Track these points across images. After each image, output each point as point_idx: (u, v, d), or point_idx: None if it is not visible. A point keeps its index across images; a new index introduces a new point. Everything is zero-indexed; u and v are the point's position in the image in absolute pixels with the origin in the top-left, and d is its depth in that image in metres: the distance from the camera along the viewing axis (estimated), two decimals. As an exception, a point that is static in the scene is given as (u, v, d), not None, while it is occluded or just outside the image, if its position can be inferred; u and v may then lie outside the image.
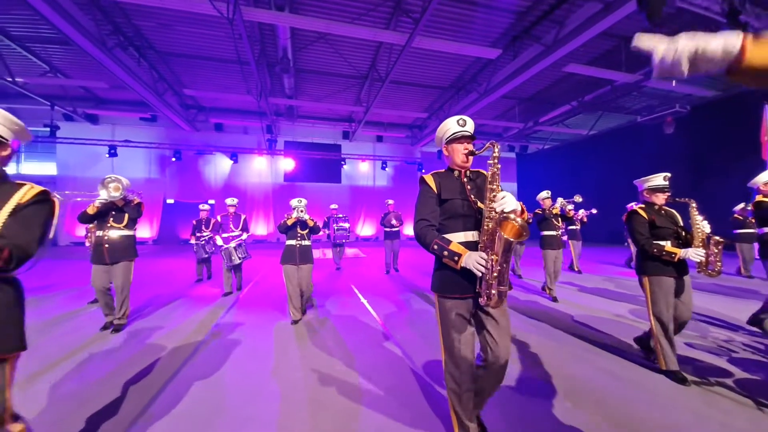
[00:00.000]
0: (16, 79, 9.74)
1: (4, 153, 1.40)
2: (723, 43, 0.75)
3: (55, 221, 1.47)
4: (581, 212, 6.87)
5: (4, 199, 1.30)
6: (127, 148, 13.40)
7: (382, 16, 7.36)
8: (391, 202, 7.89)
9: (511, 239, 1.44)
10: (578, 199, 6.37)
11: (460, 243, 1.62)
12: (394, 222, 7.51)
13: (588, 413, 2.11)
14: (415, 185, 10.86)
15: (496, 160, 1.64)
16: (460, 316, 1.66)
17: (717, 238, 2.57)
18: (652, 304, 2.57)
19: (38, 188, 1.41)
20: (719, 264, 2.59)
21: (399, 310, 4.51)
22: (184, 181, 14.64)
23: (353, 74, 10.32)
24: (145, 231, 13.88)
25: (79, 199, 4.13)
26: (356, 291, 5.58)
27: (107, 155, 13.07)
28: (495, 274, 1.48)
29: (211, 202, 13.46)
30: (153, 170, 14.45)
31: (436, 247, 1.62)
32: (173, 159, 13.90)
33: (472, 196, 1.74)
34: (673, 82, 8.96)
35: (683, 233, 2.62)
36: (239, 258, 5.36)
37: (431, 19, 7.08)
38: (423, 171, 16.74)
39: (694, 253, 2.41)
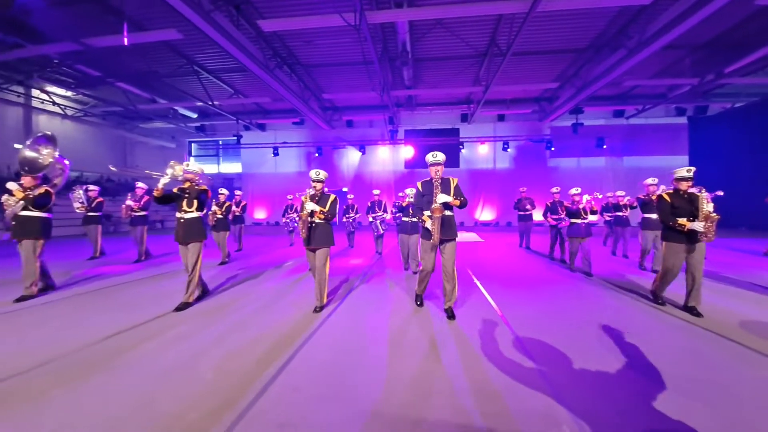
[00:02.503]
0: (214, 102, 13.28)
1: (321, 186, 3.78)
2: None
3: (336, 206, 3.79)
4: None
5: (327, 199, 3.74)
6: (285, 148, 16.63)
7: (502, -13, 6.94)
8: (524, 189, 8.81)
9: (435, 215, 3.30)
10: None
11: (428, 215, 3.41)
12: (528, 207, 8.47)
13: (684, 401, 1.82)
14: (542, 166, 10.48)
15: (438, 174, 3.48)
16: (429, 246, 3.49)
17: (713, 215, 3.40)
18: (665, 260, 3.69)
19: (333, 196, 3.79)
20: (712, 233, 3.40)
21: (517, 298, 4.47)
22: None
23: (471, 54, 10.06)
24: (297, 215, 17.14)
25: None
26: (472, 275, 5.71)
27: (272, 155, 16.53)
28: (436, 228, 3.31)
29: (345, 189, 15.50)
30: (302, 165, 17.53)
31: (417, 217, 3.58)
32: (316, 155, 16.53)
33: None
34: None
35: (696, 212, 3.47)
36: (382, 230, 7.74)
37: (560, -24, 6.30)
38: (552, 149, 15.02)
39: (697, 225, 3.37)
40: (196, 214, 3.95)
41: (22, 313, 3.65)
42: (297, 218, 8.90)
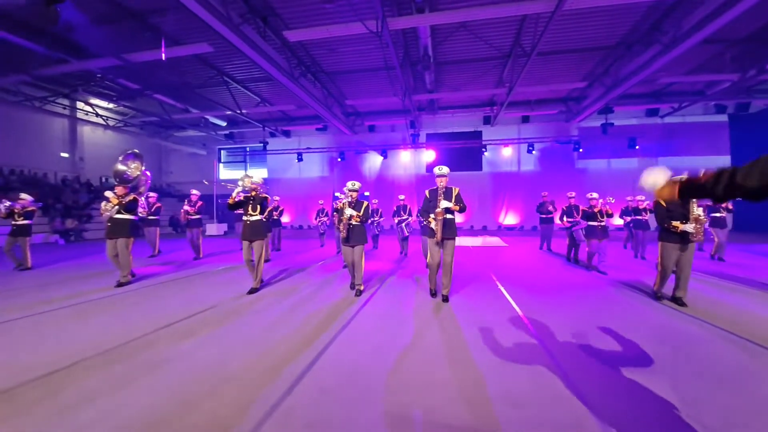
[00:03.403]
0: (242, 111, 13.79)
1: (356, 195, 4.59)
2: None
3: (369, 211, 4.53)
4: None
5: (361, 205, 4.51)
6: (309, 154, 17.00)
7: (526, -13, 6.82)
8: (545, 194, 9.16)
9: (438, 218, 4.02)
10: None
11: (432, 218, 4.07)
12: (550, 209, 8.80)
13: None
14: (570, 168, 10.42)
15: (442, 184, 4.15)
16: (434, 242, 4.14)
17: (702, 218, 3.89)
18: (661, 258, 4.08)
19: (366, 202, 4.51)
20: (701, 234, 3.89)
21: (540, 303, 4.36)
22: (346, 177, 17.42)
23: (494, 56, 9.93)
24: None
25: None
26: (495, 279, 5.60)
27: (297, 160, 16.94)
28: (438, 228, 4.04)
29: (367, 194, 15.66)
30: (325, 170, 17.86)
31: (422, 219, 4.41)
32: (339, 160, 16.78)
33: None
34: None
35: (688, 215, 3.88)
36: (407, 233, 8.14)
37: (588, -26, 6.13)
38: (580, 150, 14.51)
39: (688, 227, 3.82)
40: (259, 217, 4.77)
41: (79, 307, 3.94)
42: (327, 221, 9.59)
